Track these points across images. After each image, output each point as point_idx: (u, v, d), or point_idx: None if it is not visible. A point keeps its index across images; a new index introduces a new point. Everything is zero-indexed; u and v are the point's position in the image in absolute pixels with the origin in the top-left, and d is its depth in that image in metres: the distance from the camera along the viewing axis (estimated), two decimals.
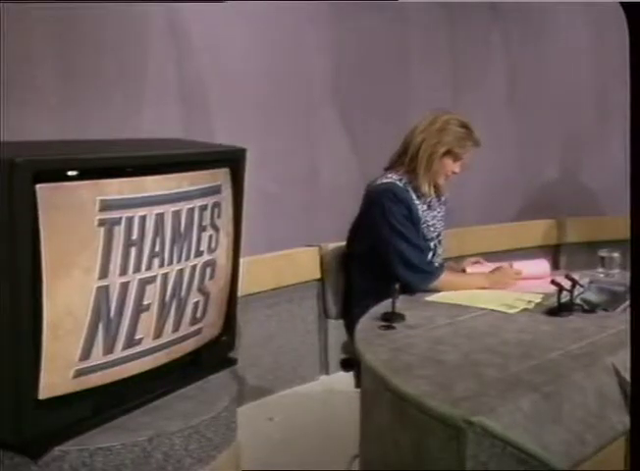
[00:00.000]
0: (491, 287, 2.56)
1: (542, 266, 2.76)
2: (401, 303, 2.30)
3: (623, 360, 1.87)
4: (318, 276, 3.12)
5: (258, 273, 3.50)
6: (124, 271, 1.81)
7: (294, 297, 3.76)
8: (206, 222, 2.04)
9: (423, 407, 1.63)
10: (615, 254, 2.79)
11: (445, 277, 2.58)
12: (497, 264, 2.71)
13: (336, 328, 3.32)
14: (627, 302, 2.37)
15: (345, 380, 2.78)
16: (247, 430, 3.07)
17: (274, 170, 3.73)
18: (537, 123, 4.71)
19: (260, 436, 3.14)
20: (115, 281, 1.79)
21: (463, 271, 2.72)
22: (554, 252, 4.76)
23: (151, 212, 1.86)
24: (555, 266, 4.49)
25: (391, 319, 2.19)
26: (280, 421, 3.39)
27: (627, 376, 1.83)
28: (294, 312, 3.80)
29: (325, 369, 3.95)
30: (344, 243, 2.87)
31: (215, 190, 2.08)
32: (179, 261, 1.97)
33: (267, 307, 3.67)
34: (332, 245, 2.99)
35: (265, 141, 3.66)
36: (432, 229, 2.70)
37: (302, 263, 3.55)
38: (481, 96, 4.52)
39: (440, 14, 4.40)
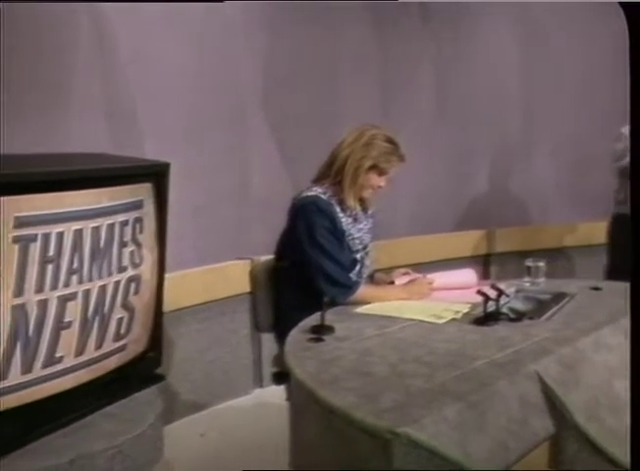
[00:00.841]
0: (409, 298, 2.61)
1: (469, 276, 2.79)
2: (332, 315, 2.31)
3: (547, 367, 1.91)
4: (250, 289, 3.09)
5: (189, 287, 3.47)
6: (40, 288, 1.77)
7: (227, 311, 3.72)
8: (127, 237, 2.02)
9: (350, 419, 1.62)
10: (541, 263, 2.84)
11: (363, 290, 2.62)
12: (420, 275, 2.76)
13: (270, 341, 3.29)
14: (552, 310, 2.42)
15: (278, 393, 2.76)
16: (180, 446, 3.04)
17: (204, 183, 3.70)
18: (466, 135, 4.79)
19: (193, 452, 3.11)
20: (31, 299, 1.75)
21: (392, 282, 2.75)
22: (484, 262, 4.84)
23: (69, 228, 1.82)
24: (485, 276, 4.56)
25: (320, 331, 2.18)
26: (213, 436, 3.35)
27: (550, 382, 1.87)
28: (227, 326, 3.76)
29: (259, 382, 3.93)
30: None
31: (137, 205, 2.05)
32: (100, 277, 1.93)
33: (199, 321, 3.63)
34: (263, 258, 2.97)
35: (195, 154, 3.64)
36: (357, 241, 2.72)
37: (234, 276, 3.52)
38: (411, 108, 4.58)
39: (370, 27, 4.44)
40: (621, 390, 2.07)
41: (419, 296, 2.63)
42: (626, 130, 4.02)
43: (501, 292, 2.32)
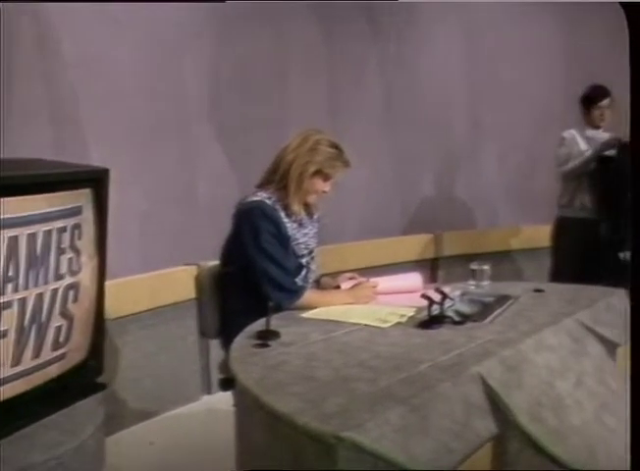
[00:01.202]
0: (355, 303, 2.61)
1: (414, 279, 2.80)
2: (278, 320, 2.29)
3: (489, 369, 1.93)
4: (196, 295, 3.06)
5: (135, 293, 3.43)
6: None
7: (173, 317, 3.68)
8: (65, 244, 1.97)
9: (294, 425, 1.62)
10: (486, 267, 2.86)
11: (308, 295, 2.62)
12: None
13: (218, 347, 3.27)
14: (496, 313, 2.44)
15: (227, 399, 2.74)
16: (129, 455, 3.00)
17: (151, 188, 3.66)
18: (413, 140, 4.83)
19: (142, 460, 3.07)
20: None
21: (338, 287, 2.75)
22: (432, 266, 4.87)
23: (3, 235, 1.77)
24: (433, 279, 4.60)
25: (265, 337, 2.17)
26: (162, 444, 3.31)
27: (493, 383, 1.89)
28: (174, 332, 3.72)
29: (207, 389, 3.89)
30: None
31: (75, 212, 2.01)
32: (37, 285, 1.89)
33: (145, 328, 3.58)
34: (210, 264, 2.95)
35: (141, 158, 3.60)
36: (303, 246, 2.71)
37: (180, 282, 3.47)
38: (358, 114, 4.61)
39: (317, 29, 4.45)
40: (563, 390, 2.11)
41: (365, 300, 2.63)
42: (568, 133, 4.11)
43: (445, 296, 2.34)
